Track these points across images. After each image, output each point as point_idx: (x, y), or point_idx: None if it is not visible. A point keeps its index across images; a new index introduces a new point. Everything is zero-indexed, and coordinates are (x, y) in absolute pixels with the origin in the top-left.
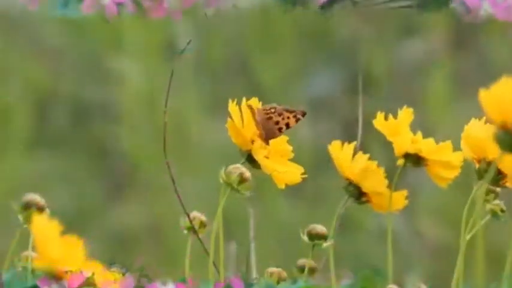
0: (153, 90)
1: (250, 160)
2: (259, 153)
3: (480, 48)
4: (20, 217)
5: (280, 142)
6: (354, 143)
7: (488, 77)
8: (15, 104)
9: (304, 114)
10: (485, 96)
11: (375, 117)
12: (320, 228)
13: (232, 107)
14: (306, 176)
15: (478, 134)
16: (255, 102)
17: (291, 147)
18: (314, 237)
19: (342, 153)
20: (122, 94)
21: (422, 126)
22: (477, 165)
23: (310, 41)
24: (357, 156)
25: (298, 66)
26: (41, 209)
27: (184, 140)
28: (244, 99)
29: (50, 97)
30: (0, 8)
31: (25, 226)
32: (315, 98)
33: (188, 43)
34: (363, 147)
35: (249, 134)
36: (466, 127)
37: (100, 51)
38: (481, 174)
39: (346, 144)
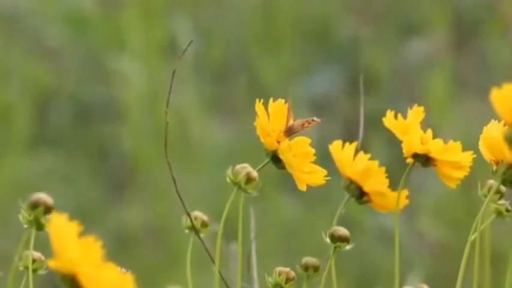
0: (153, 90)
1: (275, 160)
2: (287, 153)
3: (480, 48)
4: (20, 216)
5: (303, 144)
6: (356, 143)
7: (489, 77)
8: (16, 103)
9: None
10: (497, 95)
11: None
12: (343, 230)
13: (259, 106)
14: (329, 178)
15: (497, 136)
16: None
17: (313, 150)
18: (336, 239)
19: (343, 153)
20: (122, 94)
21: (423, 125)
22: (495, 167)
23: (311, 41)
24: (358, 156)
25: (299, 65)
26: (49, 209)
27: (185, 140)
28: (271, 100)
29: (51, 97)
30: (0, 8)
31: (26, 226)
32: (316, 97)
33: (190, 43)
34: (364, 146)
35: (274, 133)
36: (484, 128)
37: (101, 51)
38: (498, 176)
39: (347, 144)
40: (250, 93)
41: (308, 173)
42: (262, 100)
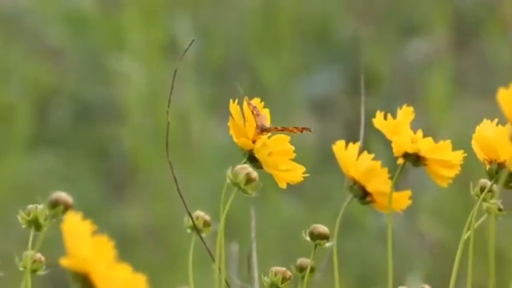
0: (153, 90)
1: (252, 160)
2: (262, 152)
3: (480, 48)
4: (19, 217)
5: (282, 142)
6: (359, 143)
7: (489, 77)
8: (16, 103)
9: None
10: (504, 95)
11: (375, 116)
12: (322, 228)
13: (233, 106)
14: (307, 175)
15: (490, 135)
16: (256, 102)
17: (292, 147)
18: (316, 237)
19: (346, 153)
20: (122, 94)
21: (423, 125)
22: (488, 166)
23: (311, 41)
24: (361, 156)
25: (299, 65)
26: (68, 208)
27: (185, 140)
28: (245, 99)
29: (51, 97)
30: (0, 8)
31: (24, 226)
32: (316, 97)
33: (191, 43)
34: (364, 146)
35: (250, 133)
36: (477, 128)
37: (101, 51)
38: (491, 175)
39: (350, 144)
40: (251, 93)
41: (285, 171)
42: (263, 100)
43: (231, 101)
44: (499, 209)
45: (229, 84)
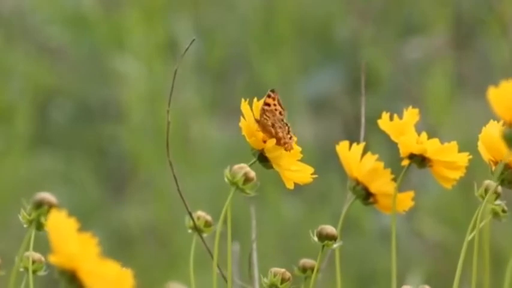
0: (153, 90)
1: (262, 159)
2: (274, 152)
3: (480, 48)
4: (20, 216)
5: None
6: (363, 143)
7: (489, 77)
8: (16, 103)
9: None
10: (494, 94)
11: (374, 116)
12: (330, 229)
13: (244, 106)
14: (316, 176)
15: (496, 136)
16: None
17: (299, 148)
18: (324, 238)
19: (350, 153)
20: (122, 94)
21: (423, 124)
22: (493, 167)
23: (311, 41)
24: (365, 156)
25: (299, 65)
26: (52, 208)
27: (185, 140)
28: (255, 100)
29: (51, 97)
30: (0, 8)
31: (26, 225)
32: (316, 97)
33: (191, 43)
34: (364, 146)
35: (260, 133)
36: (483, 128)
37: (101, 51)
38: (497, 176)
39: (354, 144)
40: (251, 93)
41: (295, 171)
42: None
43: (243, 100)
44: (503, 211)
45: (229, 84)
